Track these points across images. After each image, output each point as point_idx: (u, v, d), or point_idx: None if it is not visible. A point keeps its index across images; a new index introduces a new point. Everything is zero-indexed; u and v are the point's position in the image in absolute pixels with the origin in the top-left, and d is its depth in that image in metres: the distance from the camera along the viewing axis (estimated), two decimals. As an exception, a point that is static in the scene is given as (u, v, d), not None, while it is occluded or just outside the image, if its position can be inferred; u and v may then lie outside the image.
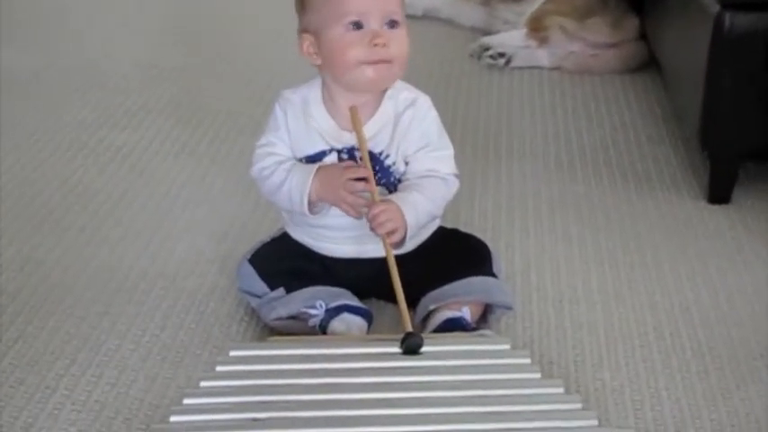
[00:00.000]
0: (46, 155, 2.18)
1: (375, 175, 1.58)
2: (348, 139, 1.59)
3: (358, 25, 1.54)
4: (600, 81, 2.63)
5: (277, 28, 2.84)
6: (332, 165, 1.58)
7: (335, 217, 1.60)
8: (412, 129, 1.60)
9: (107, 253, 1.83)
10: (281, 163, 1.60)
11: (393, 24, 1.56)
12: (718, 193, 2.03)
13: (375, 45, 1.53)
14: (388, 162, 1.60)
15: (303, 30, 1.59)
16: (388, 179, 1.61)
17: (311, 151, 1.60)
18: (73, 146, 2.23)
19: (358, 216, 1.56)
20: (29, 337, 1.59)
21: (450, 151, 1.64)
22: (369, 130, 1.59)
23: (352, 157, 1.58)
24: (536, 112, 2.46)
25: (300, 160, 1.61)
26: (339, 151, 1.60)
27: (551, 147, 2.28)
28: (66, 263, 1.80)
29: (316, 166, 1.57)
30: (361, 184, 1.55)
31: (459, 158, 2.12)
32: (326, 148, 1.60)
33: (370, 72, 1.55)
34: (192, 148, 2.24)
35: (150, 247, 1.86)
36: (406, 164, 1.61)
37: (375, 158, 1.59)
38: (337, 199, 1.55)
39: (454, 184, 1.63)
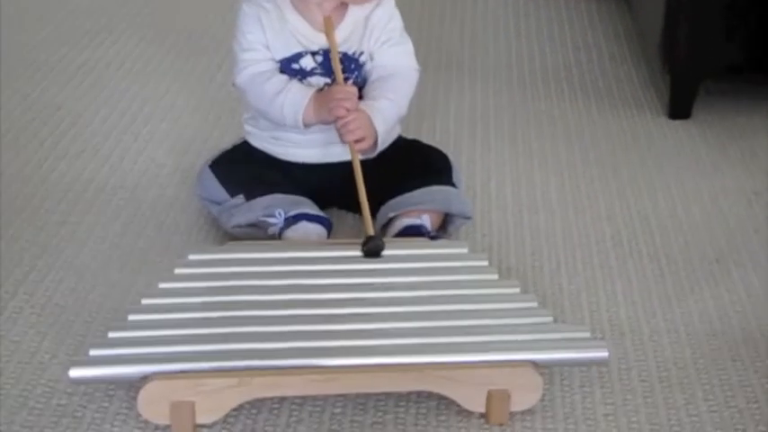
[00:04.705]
0: (5, 72, 2.16)
1: (352, 74, 1.61)
2: (323, 42, 1.60)
3: None
4: (564, 3, 2.63)
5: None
6: (330, 89, 1.58)
7: None
8: (380, 26, 1.63)
9: (66, 166, 1.83)
10: (275, 72, 1.61)
11: None
12: (679, 109, 2.05)
13: None
14: (362, 59, 1.63)
15: None
16: (361, 77, 1.63)
17: (287, 53, 1.61)
18: (32, 64, 2.21)
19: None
20: (-13, 244, 1.59)
21: (410, 46, 1.67)
22: (342, 32, 1.61)
23: (326, 59, 1.60)
24: (500, 34, 2.46)
25: (276, 63, 1.62)
26: (314, 53, 1.61)
27: (514, 66, 2.28)
28: (25, 176, 1.79)
29: (313, 90, 1.58)
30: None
31: (423, 77, 2.13)
32: (302, 50, 1.61)
33: None
34: (153, 67, 2.22)
35: (110, 160, 1.85)
36: (372, 59, 1.63)
37: (350, 59, 1.62)
38: (329, 115, 1.56)
39: (415, 79, 1.67)
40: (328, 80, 1.61)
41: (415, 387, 1.27)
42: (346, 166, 1.55)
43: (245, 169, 1.63)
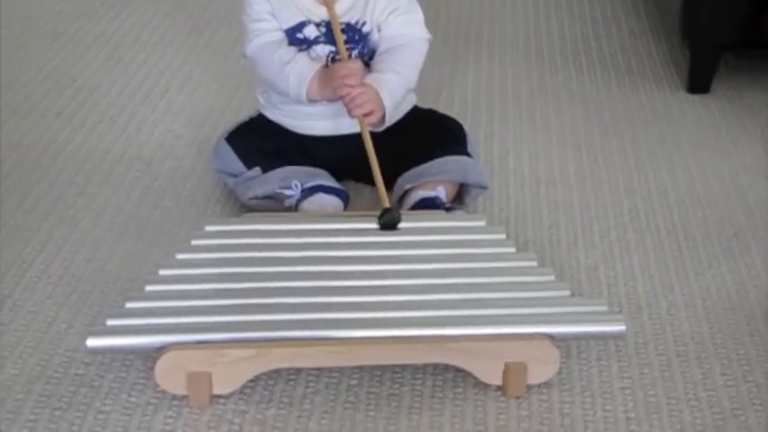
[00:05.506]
0: (22, 42, 2.16)
1: (357, 45, 1.60)
2: (325, 14, 1.60)
3: None
4: (583, -23, 2.61)
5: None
6: (333, 66, 1.58)
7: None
8: None
9: (83, 137, 1.83)
10: (284, 42, 1.61)
11: None
12: (698, 84, 2.03)
13: None
14: (365, 30, 1.62)
15: None
16: (367, 47, 1.62)
17: (291, 23, 1.61)
18: (50, 34, 2.21)
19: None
20: (4, 214, 1.59)
21: (419, 15, 1.65)
22: (344, 2, 1.60)
23: (329, 29, 1.59)
24: (518, 6, 2.44)
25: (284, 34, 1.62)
26: (317, 24, 1.61)
27: (533, 39, 2.27)
28: (42, 146, 1.79)
29: (319, 65, 1.58)
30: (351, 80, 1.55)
31: (441, 49, 2.12)
32: (305, 19, 1.61)
33: None
34: (170, 39, 2.22)
35: (127, 131, 1.85)
36: (379, 30, 1.62)
37: (353, 29, 1.61)
38: (334, 94, 1.56)
39: (424, 49, 1.65)
40: (333, 48, 1.60)
41: (432, 359, 1.27)
42: (359, 139, 1.54)
43: (262, 142, 1.63)
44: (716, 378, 1.30)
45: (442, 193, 1.57)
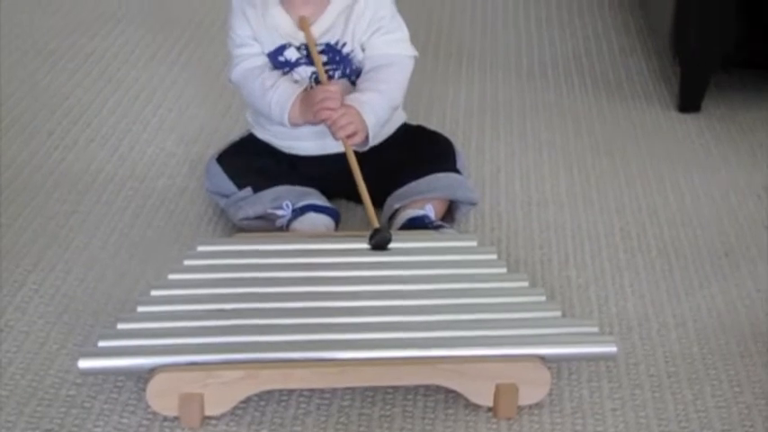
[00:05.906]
0: (14, 59, 2.16)
1: (338, 66, 1.61)
2: (304, 38, 1.60)
3: None
4: (574, -7, 2.63)
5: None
6: (312, 91, 1.58)
7: None
8: (367, 16, 1.61)
9: (75, 155, 1.83)
10: (266, 67, 1.61)
11: None
12: (689, 102, 2.04)
13: None
14: (345, 50, 1.62)
15: None
16: (350, 68, 1.62)
17: (272, 46, 1.62)
18: (41, 53, 2.21)
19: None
20: (-4, 233, 1.59)
21: (404, 32, 1.65)
22: (323, 22, 1.61)
23: (309, 53, 1.60)
24: (509, 22, 2.45)
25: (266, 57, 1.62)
26: (298, 47, 1.61)
27: (524, 56, 2.28)
28: (34, 165, 1.79)
29: (300, 90, 1.58)
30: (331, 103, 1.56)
31: (432, 65, 2.12)
32: (285, 42, 1.61)
33: None
34: (162, 56, 2.22)
35: (120, 149, 1.85)
36: (363, 50, 1.62)
37: (333, 50, 1.61)
38: (315, 118, 1.56)
39: (410, 67, 1.64)
40: (315, 69, 1.60)
41: (423, 381, 1.27)
42: (346, 158, 1.54)
43: (252, 162, 1.64)
44: (706, 399, 1.31)
45: (430, 211, 1.57)
